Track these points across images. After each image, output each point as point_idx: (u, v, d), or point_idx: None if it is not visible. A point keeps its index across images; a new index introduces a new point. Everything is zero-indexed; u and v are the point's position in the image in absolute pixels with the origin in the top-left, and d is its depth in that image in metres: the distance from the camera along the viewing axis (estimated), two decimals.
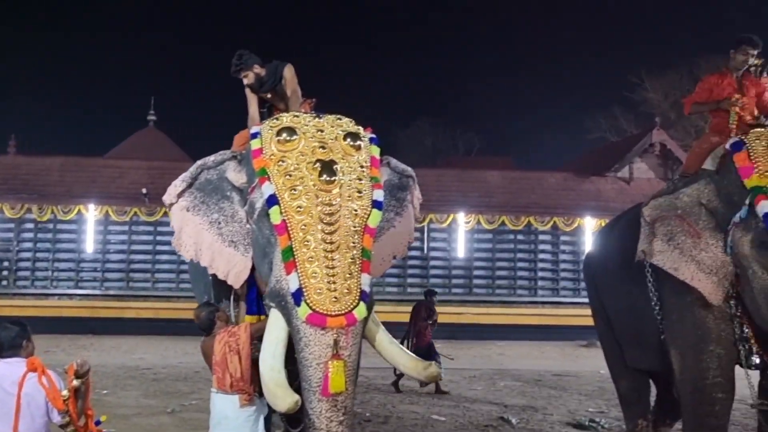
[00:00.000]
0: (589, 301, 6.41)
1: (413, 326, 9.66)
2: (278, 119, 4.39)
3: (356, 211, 4.03)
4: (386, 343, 4.18)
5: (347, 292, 3.80)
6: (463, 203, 17.09)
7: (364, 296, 3.85)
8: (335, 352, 3.72)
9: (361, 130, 4.46)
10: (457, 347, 9.80)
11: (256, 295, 4.50)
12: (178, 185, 4.59)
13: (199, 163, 4.66)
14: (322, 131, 4.28)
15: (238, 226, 4.47)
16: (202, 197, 4.57)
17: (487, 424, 7.50)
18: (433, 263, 17.42)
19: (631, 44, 43.60)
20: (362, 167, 4.24)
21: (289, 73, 5.00)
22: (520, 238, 17.55)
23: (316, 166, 4.09)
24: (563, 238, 17.50)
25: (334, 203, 3.99)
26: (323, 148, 4.19)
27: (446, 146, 38.61)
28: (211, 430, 4.31)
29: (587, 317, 6.41)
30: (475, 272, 17.46)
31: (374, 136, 4.53)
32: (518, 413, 8.03)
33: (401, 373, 9.19)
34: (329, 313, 3.73)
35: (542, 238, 17.56)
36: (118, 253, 16.96)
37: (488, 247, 17.52)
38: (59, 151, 19.52)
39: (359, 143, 4.31)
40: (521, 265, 17.62)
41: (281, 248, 3.93)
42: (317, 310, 3.73)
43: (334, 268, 3.82)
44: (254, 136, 4.37)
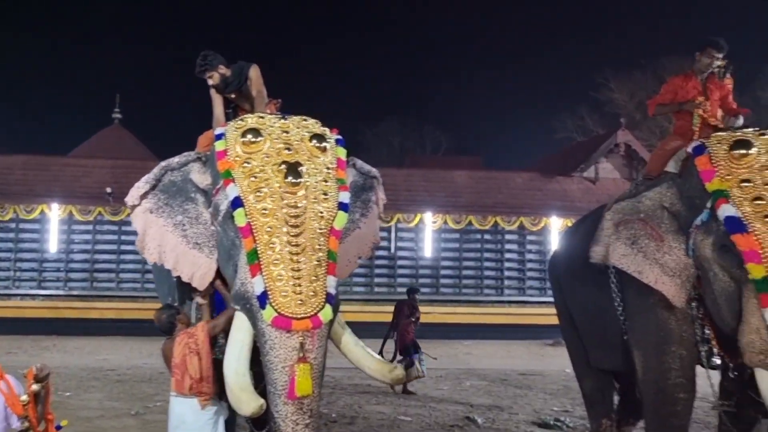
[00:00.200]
0: (554, 301, 6.49)
1: (396, 324, 9.69)
2: (243, 120, 4.36)
3: (322, 213, 4.02)
4: (352, 345, 4.18)
5: (313, 294, 3.79)
6: (430, 203, 17.15)
7: (329, 299, 3.85)
8: (301, 355, 3.71)
9: (327, 131, 4.44)
10: (424, 346, 9.80)
11: (221, 297, 4.45)
12: (141, 187, 4.53)
13: (162, 164, 4.60)
14: (287, 132, 4.26)
15: (202, 228, 4.43)
16: (165, 199, 4.51)
17: (453, 424, 7.53)
18: (400, 263, 17.44)
19: (597, 44, 44.11)
20: (328, 169, 4.23)
21: (254, 73, 4.96)
22: (486, 237, 17.66)
23: (281, 167, 4.07)
24: (530, 237, 17.65)
25: (299, 205, 3.97)
26: (289, 149, 4.17)
27: (414, 145, 38.69)
28: None
29: (553, 316, 6.48)
30: (442, 272, 17.53)
31: (340, 137, 4.52)
32: (484, 413, 8.08)
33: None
34: (295, 316, 3.71)
35: (509, 237, 17.69)
36: (81, 252, 16.69)
37: (455, 246, 17.60)
38: (21, 149, 19.10)
39: (325, 145, 4.30)
40: (488, 264, 17.73)
41: (246, 251, 3.90)
42: (282, 313, 3.71)
43: (299, 270, 3.81)
44: (219, 137, 4.33)
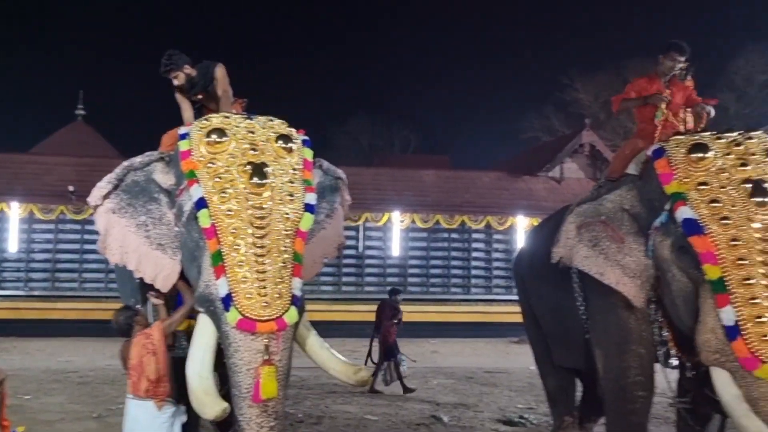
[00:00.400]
0: (518, 299, 6.56)
1: (379, 326, 9.70)
2: (208, 120, 4.32)
3: (288, 214, 4.01)
4: (317, 347, 4.17)
5: (278, 296, 3.78)
6: (398, 202, 17.19)
7: (295, 300, 3.84)
8: (266, 357, 3.70)
9: (293, 132, 4.43)
10: None
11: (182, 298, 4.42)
12: (103, 187, 4.47)
13: (125, 164, 4.55)
14: (253, 133, 4.23)
15: (166, 228, 4.38)
16: (128, 199, 4.46)
17: (419, 422, 7.57)
18: (368, 262, 17.46)
19: (563, 46, 44.72)
20: (294, 170, 4.22)
21: (220, 72, 4.92)
22: (454, 236, 17.76)
23: (246, 168, 4.04)
24: (496, 236, 17.79)
25: (265, 206, 3.96)
26: (254, 150, 4.15)
27: (383, 144, 38.74)
28: None
29: (519, 314, 6.54)
30: (409, 270, 17.58)
31: (307, 138, 4.50)
32: (450, 411, 8.14)
33: (397, 376, 9.30)
34: (259, 318, 3.70)
35: (476, 236, 17.81)
36: (43, 252, 16.38)
37: (423, 245, 17.67)
38: None
39: (291, 145, 4.28)
40: (455, 263, 17.83)
41: (210, 252, 3.87)
42: (247, 315, 3.70)
43: (264, 272, 3.79)
44: (183, 137, 4.30)
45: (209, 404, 3.67)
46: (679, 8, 40.51)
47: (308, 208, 4.13)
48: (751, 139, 4.21)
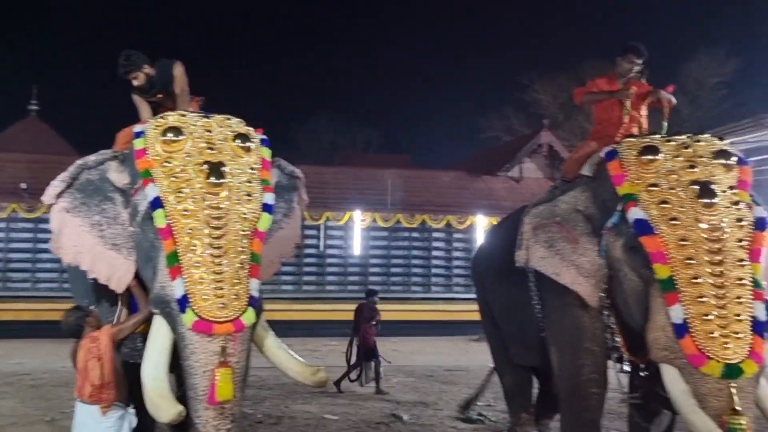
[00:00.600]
0: (477, 298, 6.63)
1: (357, 328, 9.70)
2: (164, 118, 4.26)
3: (245, 214, 3.98)
4: (275, 348, 4.14)
5: (235, 297, 3.75)
6: (359, 201, 17.18)
7: (253, 301, 3.82)
8: (222, 359, 3.68)
9: (251, 131, 4.39)
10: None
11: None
12: (56, 185, 4.40)
13: (78, 162, 4.48)
14: (210, 131, 4.19)
15: (120, 228, 4.32)
16: (82, 198, 4.39)
17: (379, 421, 7.59)
18: (329, 261, 17.42)
19: (523, 47, 45.21)
20: (252, 169, 4.19)
21: (178, 70, 4.86)
22: (414, 235, 17.83)
23: (203, 167, 4.00)
24: (456, 235, 17.91)
25: (222, 206, 3.92)
26: (211, 149, 4.11)
27: (345, 142, 38.69)
28: None
29: (478, 312, 6.60)
30: (370, 269, 17.60)
31: (265, 137, 4.47)
32: (410, 409, 8.18)
33: (375, 377, 9.28)
34: (216, 319, 3.68)
35: (436, 235, 17.90)
36: None
37: (384, 244, 17.71)
38: None
39: (249, 144, 4.25)
40: (416, 262, 17.90)
41: (166, 253, 3.83)
42: (203, 316, 3.67)
43: (221, 273, 3.77)
44: (138, 135, 4.24)
45: (164, 407, 3.63)
46: (634, 12, 41.29)
47: (266, 208, 4.11)
48: (699, 142, 4.31)
